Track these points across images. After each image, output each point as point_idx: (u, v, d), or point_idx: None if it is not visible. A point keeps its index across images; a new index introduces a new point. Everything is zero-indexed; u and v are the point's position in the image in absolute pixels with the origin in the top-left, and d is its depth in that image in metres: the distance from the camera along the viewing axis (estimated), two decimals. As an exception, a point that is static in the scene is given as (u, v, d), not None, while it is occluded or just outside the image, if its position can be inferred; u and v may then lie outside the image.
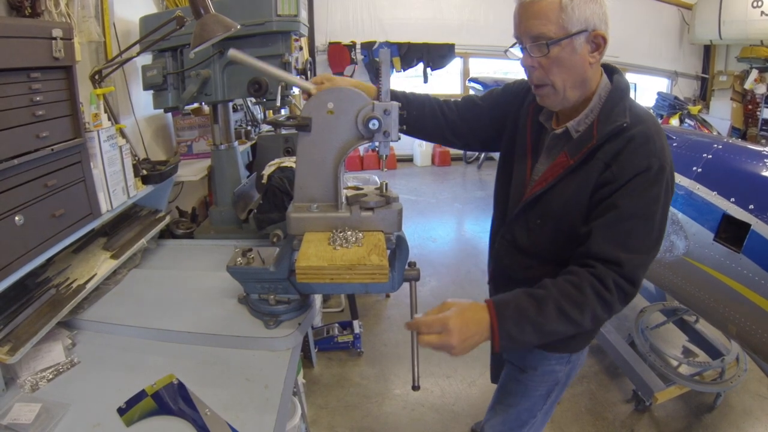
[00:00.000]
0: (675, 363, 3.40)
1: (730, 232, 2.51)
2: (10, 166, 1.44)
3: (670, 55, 10.68)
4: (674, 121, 8.57)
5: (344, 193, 1.75)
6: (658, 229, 1.53)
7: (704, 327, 3.62)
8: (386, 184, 1.76)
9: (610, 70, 1.67)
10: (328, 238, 1.66)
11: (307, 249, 1.61)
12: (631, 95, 1.65)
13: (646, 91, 10.24)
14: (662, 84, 10.96)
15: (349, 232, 1.66)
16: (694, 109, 8.83)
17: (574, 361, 1.98)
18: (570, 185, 1.60)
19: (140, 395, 1.58)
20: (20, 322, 1.68)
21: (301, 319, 1.90)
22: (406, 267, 1.73)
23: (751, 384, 3.56)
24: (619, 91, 1.59)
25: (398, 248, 1.71)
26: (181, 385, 1.63)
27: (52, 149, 1.62)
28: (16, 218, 1.49)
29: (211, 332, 1.85)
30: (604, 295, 1.46)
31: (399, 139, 1.68)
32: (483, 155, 9.87)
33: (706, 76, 10.82)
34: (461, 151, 10.43)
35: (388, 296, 4.91)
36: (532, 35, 1.51)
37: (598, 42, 1.50)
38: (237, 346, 1.82)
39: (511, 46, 1.64)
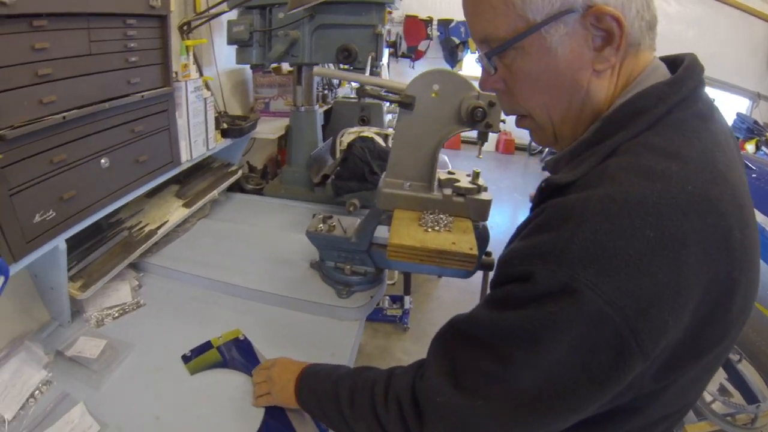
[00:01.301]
0: (709, 398, 3.28)
1: None
2: (102, 109, 1.47)
3: (754, 74, 9.66)
4: (750, 147, 8.06)
5: (438, 176, 1.73)
6: (510, 388, 0.83)
7: (745, 369, 3.50)
8: (479, 172, 1.74)
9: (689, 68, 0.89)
10: (418, 219, 1.64)
11: (399, 227, 1.60)
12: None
13: (725, 110, 9.46)
14: (742, 104, 10.00)
15: (441, 216, 1.64)
16: (775, 137, 8.14)
17: None
18: None
19: (205, 346, 1.61)
20: (93, 260, 1.75)
21: (373, 292, 1.90)
22: (483, 256, 1.70)
23: None
24: (628, 110, 0.85)
25: (481, 238, 1.68)
26: (246, 342, 1.64)
27: (142, 96, 1.64)
28: (102, 161, 1.53)
29: (280, 293, 1.86)
30: (378, 411, 1.05)
31: (499, 131, 1.62)
32: (547, 149, 9.51)
33: None
34: (525, 141, 10.26)
35: (439, 276, 4.89)
36: (478, 39, 0.94)
37: (607, 27, 0.81)
38: (306, 311, 1.83)
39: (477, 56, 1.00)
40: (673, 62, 0.93)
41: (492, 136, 7.02)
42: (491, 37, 0.89)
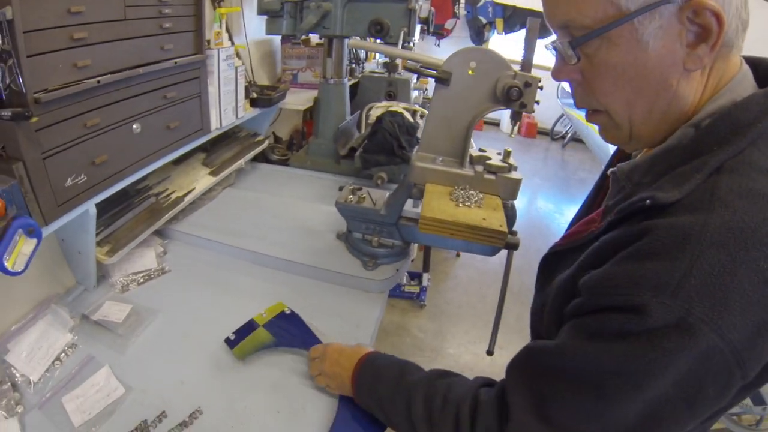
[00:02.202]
0: None
1: None
2: (135, 74, 1.47)
3: None
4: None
5: (470, 152, 1.73)
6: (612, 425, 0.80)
7: None
8: (510, 151, 1.73)
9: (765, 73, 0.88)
10: (449, 193, 1.64)
11: (431, 200, 1.60)
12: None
13: None
14: None
15: (472, 192, 1.64)
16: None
17: None
18: (573, 259, 0.94)
19: (250, 326, 1.56)
20: (120, 225, 1.77)
21: (399, 265, 1.91)
22: (509, 235, 1.70)
23: None
24: (726, 124, 0.80)
25: (510, 217, 1.67)
26: (294, 315, 1.62)
27: (175, 62, 1.65)
28: (134, 126, 1.54)
29: (306, 263, 1.87)
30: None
31: (534, 111, 1.61)
32: (570, 134, 9.41)
33: None
34: (548, 125, 10.18)
35: (458, 255, 4.92)
36: (559, 24, 0.87)
37: (705, 22, 0.76)
38: (331, 282, 1.84)
39: (553, 43, 0.93)
40: (753, 65, 0.88)
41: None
42: (575, 23, 0.83)
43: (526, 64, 1.55)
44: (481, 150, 1.76)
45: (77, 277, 1.70)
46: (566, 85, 4.00)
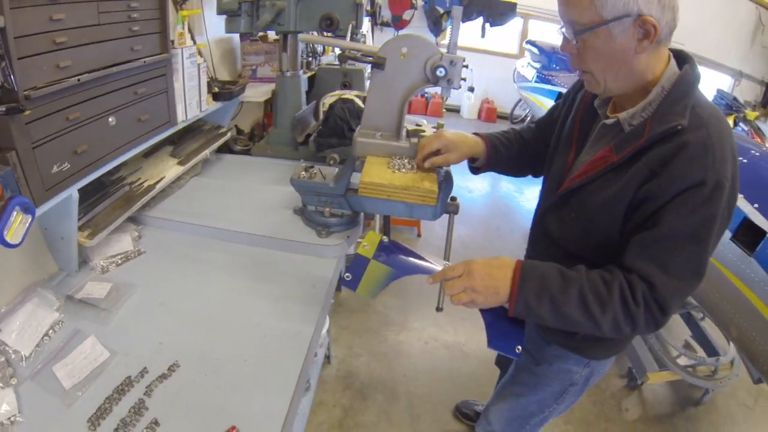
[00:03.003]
0: (674, 353, 3.53)
1: (747, 235, 2.54)
2: (110, 73, 1.64)
3: (738, 53, 9.83)
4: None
5: (406, 127, 1.95)
6: (706, 255, 1.32)
7: (708, 326, 3.74)
8: (443, 125, 1.96)
9: (683, 58, 1.43)
10: (387, 163, 1.88)
11: (370, 168, 1.83)
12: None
13: (706, 86, 9.26)
14: (725, 82, 10.07)
15: (406, 160, 1.88)
16: (752, 115, 8.21)
17: (594, 367, 1.86)
18: (609, 185, 1.41)
19: (360, 262, 1.59)
20: (99, 212, 1.92)
21: (350, 232, 2.13)
22: (449, 201, 1.92)
23: (740, 392, 3.70)
24: (683, 85, 1.35)
25: (445, 181, 1.89)
26: (393, 243, 1.70)
27: (144, 61, 1.82)
28: (110, 119, 1.70)
29: (267, 235, 2.08)
30: (630, 306, 1.32)
31: (460, 87, 1.87)
32: (529, 117, 9.63)
33: None
34: (507, 109, 10.39)
35: (419, 235, 5.12)
36: (565, 20, 1.38)
37: (647, 29, 1.27)
38: (289, 250, 2.05)
39: (562, 27, 1.44)
40: (672, 52, 1.44)
41: (475, 105, 7.19)
42: (577, 22, 1.33)
43: (452, 45, 1.77)
44: (417, 125, 1.99)
45: (60, 264, 1.84)
46: (522, 70, 4.30)
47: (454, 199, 1.94)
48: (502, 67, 10.05)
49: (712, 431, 3.40)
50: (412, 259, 1.61)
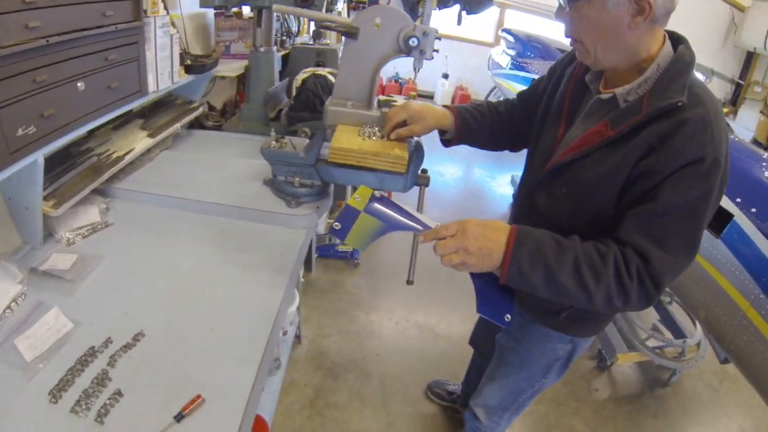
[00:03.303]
0: (642, 335, 3.61)
1: (715, 219, 2.50)
2: (80, 36, 1.60)
3: (710, 52, 9.87)
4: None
5: (376, 96, 1.95)
6: (700, 230, 1.34)
7: (676, 311, 3.83)
8: (415, 95, 1.96)
9: (677, 39, 1.44)
10: (358, 131, 1.88)
11: (341, 135, 1.84)
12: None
13: None
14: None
15: (377, 128, 1.89)
16: (722, 112, 8.25)
17: (576, 343, 1.89)
18: (605, 159, 1.41)
19: (349, 212, 1.51)
20: (64, 182, 1.88)
21: (319, 203, 2.13)
22: (419, 173, 1.93)
23: (706, 374, 3.80)
24: (680, 64, 1.36)
25: (416, 152, 1.91)
26: (386, 198, 1.58)
27: (116, 27, 1.78)
28: (79, 84, 1.66)
29: (236, 205, 2.07)
30: (623, 279, 1.31)
31: (432, 58, 1.87)
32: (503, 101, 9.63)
33: (742, 82, 10.14)
34: (481, 95, 10.34)
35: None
36: None
37: (642, 5, 1.28)
38: (259, 220, 2.04)
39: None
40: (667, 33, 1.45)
41: (449, 91, 7.20)
42: None
43: (426, 16, 1.79)
44: (389, 95, 1.99)
45: (24, 237, 1.79)
46: (497, 58, 4.29)
47: (425, 171, 1.95)
48: (477, 54, 10.07)
49: (680, 411, 3.49)
50: (403, 216, 1.53)
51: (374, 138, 1.84)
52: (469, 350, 2.74)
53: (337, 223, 1.47)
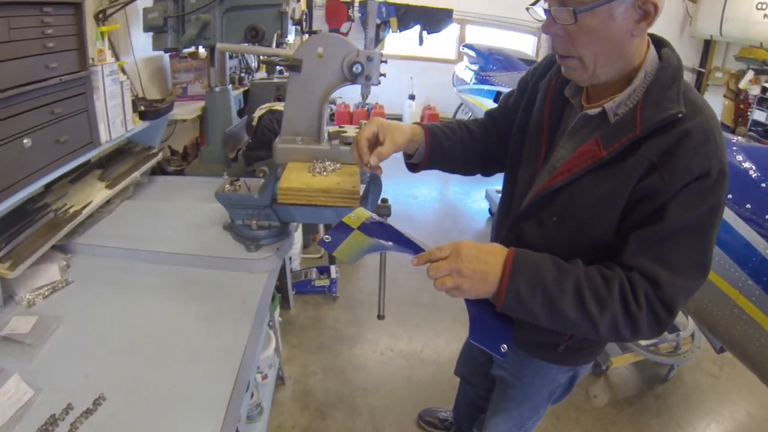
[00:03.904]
0: None
1: None
2: (23, 92, 1.55)
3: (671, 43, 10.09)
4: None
5: (326, 129, 1.92)
6: (710, 247, 1.25)
7: None
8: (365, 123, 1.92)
9: (658, 42, 1.35)
10: (308, 167, 1.84)
11: (289, 174, 1.80)
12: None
13: None
14: None
15: (328, 163, 1.85)
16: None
17: (577, 369, 1.82)
18: (600, 182, 1.30)
19: (343, 228, 1.45)
20: (20, 241, 1.80)
21: (279, 244, 2.06)
22: (379, 203, 1.88)
23: (705, 363, 3.77)
24: (670, 69, 1.27)
25: (372, 183, 1.86)
26: (382, 222, 1.52)
27: (60, 79, 1.73)
28: (25, 141, 1.60)
29: (196, 253, 2.01)
30: (630, 306, 1.22)
31: (379, 83, 1.83)
32: (474, 117, 9.64)
33: (703, 70, 10.33)
34: (449, 113, 10.37)
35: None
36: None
37: (647, 9, 1.18)
38: (219, 267, 1.98)
39: (533, 3, 1.33)
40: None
41: (416, 112, 7.20)
42: (576, 0, 1.18)
43: (368, 41, 1.76)
44: (340, 126, 1.95)
45: None
46: (461, 74, 4.26)
47: (385, 201, 1.89)
48: (441, 72, 10.00)
49: (683, 405, 3.45)
50: (397, 237, 1.45)
51: (325, 173, 1.80)
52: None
53: (327, 236, 1.42)
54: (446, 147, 1.73)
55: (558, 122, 1.51)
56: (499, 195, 1.79)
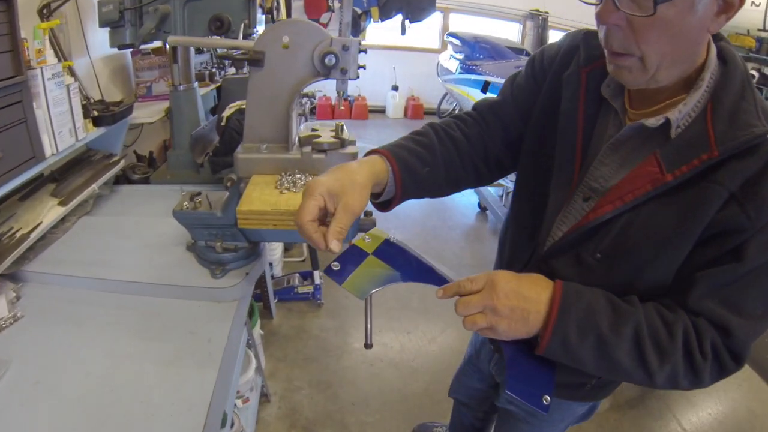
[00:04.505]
0: None
1: None
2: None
3: None
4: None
5: (297, 133, 1.65)
6: None
7: None
8: (342, 125, 1.66)
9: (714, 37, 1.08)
10: (275, 182, 1.57)
11: (252, 192, 1.52)
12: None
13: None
14: None
15: (299, 175, 1.58)
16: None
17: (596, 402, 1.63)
18: (663, 214, 1.05)
19: (355, 252, 1.20)
20: (-41, 275, 1.57)
21: (249, 268, 1.81)
22: (362, 216, 1.62)
23: None
24: (738, 72, 1.03)
25: None
26: (401, 246, 1.26)
27: (-10, 87, 1.47)
28: (-51, 161, 1.36)
29: (154, 282, 1.76)
30: (695, 358, 1.02)
31: (357, 77, 1.56)
32: (457, 110, 9.43)
33: None
34: (435, 105, 10.31)
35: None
36: None
37: (731, 1, 0.94)
38: (181, 297, 1.74)
39: None
40: None
41: (400, 103, 7.02)
42: None
43: (344, 26, 1.49)
44: (313, 129, 1.70)
45: None
46: (445, 63, 4.07)
47: (369, 214, 1.63)
48: (425, 62, 10.00)
49: (683, 402, 3.39)
50: (419, 265, 1.22)
51: (295, 189, 1.54)
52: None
53: (336, 264, 1.17)
54: (423, 175, 1.34)
55: (592, 128, 1.22)
56: (496, 194, 1.50)
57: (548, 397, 1.09)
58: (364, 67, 1.57)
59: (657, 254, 1.07)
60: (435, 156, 1.36)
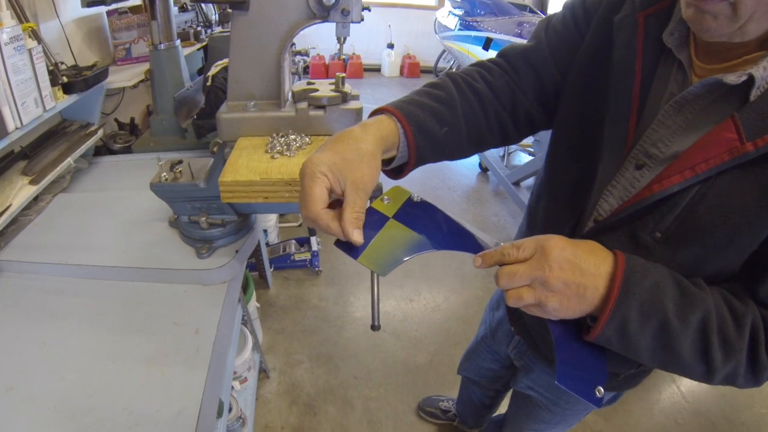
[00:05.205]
0: None
1: None
2: None
3: None
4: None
5: (290, 87, 1.45)
6: None
7: None
8: (343, 77, 1.45)
9: None
10: (266, 145, 1.38)
11: (237, 158, 1.33)
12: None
13: None
14: None
15: (293, 136, 1.38)
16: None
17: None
18: (740, 190, 0.87)
19: (373, 217, 0.96)
20: None
21: (238, 245, 1.63)
22: None
23: None
24: None
25: None
26: (427, 204, 1.03)
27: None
28: None
29: (135, 266, 1.58)
30: (759, 357, 0.87)
31: (362, 20, 1.35)
32: (455, 68, 8.85)
33: None
34: (431, 63, 10.09)
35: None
36: None
37: None
38: (164, 280, 1.56)
39: None
40: None
41: (396, 62, 6.74)
42: None
43: None
44: (309, 83, 1.50)
45: None
46: (443, 20, 3.85)
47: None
48: (421, 19, 9.84)
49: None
50: (452, 228, 1.00)
51: (288, 152, 1.34)
52: (458, 354, 2.34)
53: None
54: (441, 137, 1.11)
55: (650, 83, 1.01)
56: (497, 154, 1.28)
57: (602, 389, 0.91)
58: (368, 9, 1.36)
59: (731, 237, 0.89)
60: (455, 113, 1.13)
